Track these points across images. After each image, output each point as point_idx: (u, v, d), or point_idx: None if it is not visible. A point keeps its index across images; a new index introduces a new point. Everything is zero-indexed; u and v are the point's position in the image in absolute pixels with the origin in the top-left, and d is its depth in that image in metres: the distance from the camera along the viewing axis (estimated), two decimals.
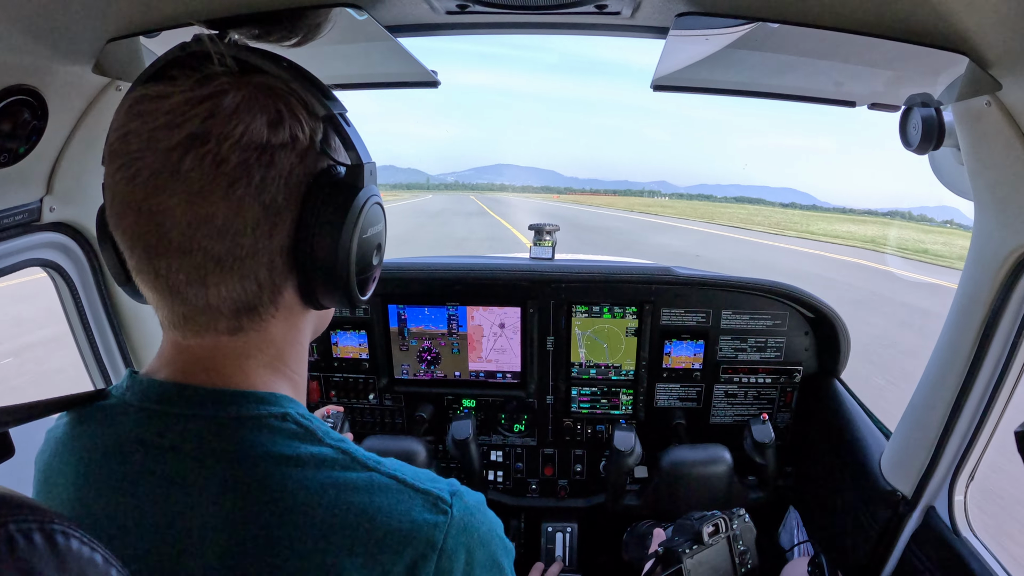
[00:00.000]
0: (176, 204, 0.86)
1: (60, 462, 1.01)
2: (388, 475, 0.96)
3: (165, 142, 0.85)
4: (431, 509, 0.94)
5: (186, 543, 0.89)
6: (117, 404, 0.99)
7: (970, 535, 2.12)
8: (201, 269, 0.90)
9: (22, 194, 1.77)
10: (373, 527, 0.89)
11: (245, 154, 0.87)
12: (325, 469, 0.92)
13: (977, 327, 1.96)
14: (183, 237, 0.87)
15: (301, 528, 0.87)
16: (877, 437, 2.65)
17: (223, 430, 0.92)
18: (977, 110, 1.67)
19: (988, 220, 1.87)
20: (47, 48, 1.51)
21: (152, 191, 0.86)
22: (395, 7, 1.73)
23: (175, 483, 0.90)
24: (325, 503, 0.89)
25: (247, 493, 0.88)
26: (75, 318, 2.19)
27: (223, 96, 0.88)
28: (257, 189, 0.89)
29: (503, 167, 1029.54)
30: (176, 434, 0.92)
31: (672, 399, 3.32)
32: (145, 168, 0.86)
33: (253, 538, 0.87)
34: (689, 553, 2.04)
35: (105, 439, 0.97)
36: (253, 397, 0.96)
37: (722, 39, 1.75)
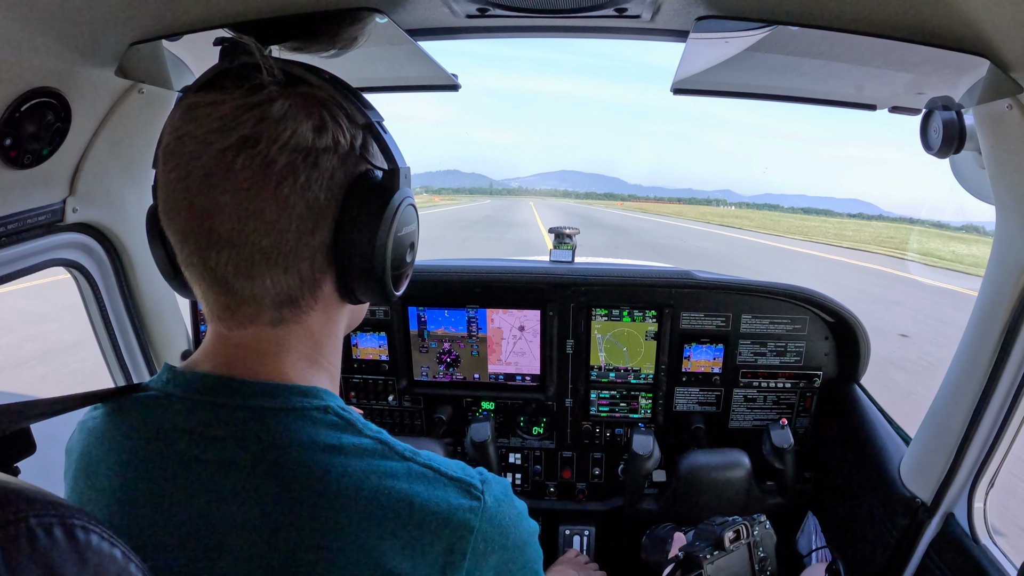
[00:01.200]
0: (228, 201, 0.92)
1: (101, 451, 1.04)
2: (424, 464, 1.01)
3: (219, 144, 0.92)
4: (465, 495, 1.00)
5: (231, 528, 0.93)
6: (159, 396, 1.03)
7: (989, 543, 2.10)
8: (248, 261, 0.96)
9: (45, 195, 1.79)
10: (412, 512, 0.94)
11: (292, 156, 0.94)
12: (366, 458, 0.97)
13: (998, 332, 1.95)
14: (233, 231, 0.94)
15: (345, 512, 0.92)
16: (897, 443, 2.63)
17: (268, 421, 0.97)
18: (998, 113, 1.66)
19: (1010, 224, 1.86)
20: (71, 51, 1.53)
21: (206, 188, 0.92)
22: (416, 11, 1.73)
23: (220, 470, 0.95)
24: (367, 489, 0.94)
25: (292, 480, 0.93)
26: (97, 318, 2.22)
27: (272, 103, 0.94)
28: (302, 188, 0.96)
29: (567, 173, 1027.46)
30: (222, 424, 0.97)
31: (691, 403, 3.31)
32: (200, 167, 0.92)
33: (298, 522, 0.91)
34: (710, 559, 2.03)
35: (148, 429, 1.00)
36: (296, 390, 1.01)
37: (742, 42, 1.74)
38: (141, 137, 2.02)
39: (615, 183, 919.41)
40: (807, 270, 27.05)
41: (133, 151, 2.02)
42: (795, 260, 32.20)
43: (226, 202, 0.92)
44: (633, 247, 35.97)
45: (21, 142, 1.57)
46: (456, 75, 2.17)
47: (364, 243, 1.03)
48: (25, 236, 1.77)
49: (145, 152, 2.08)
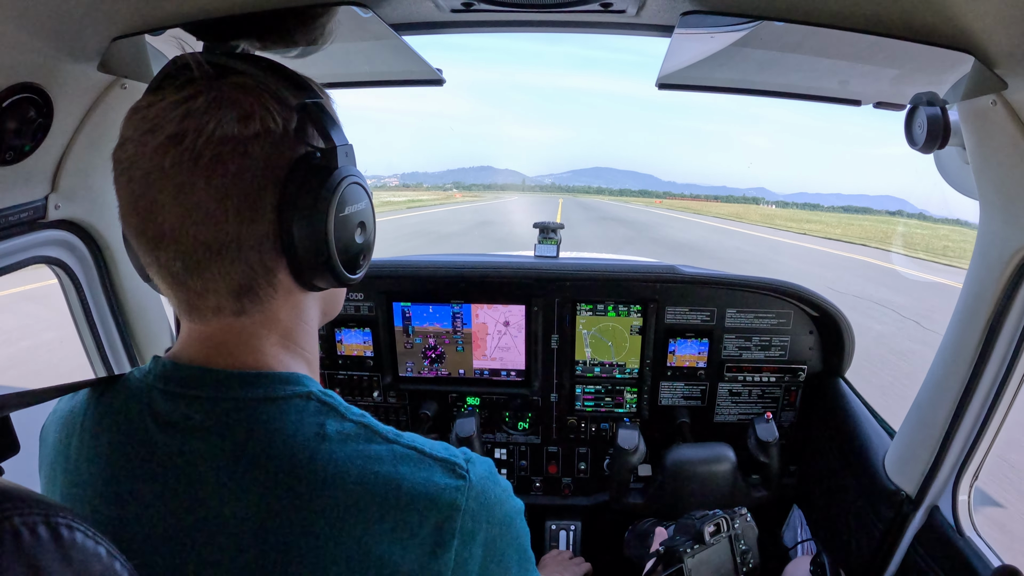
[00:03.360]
0: (166, 199, 0.94)
1: (82, 444, 1.05)
2: (407, 446, 1.03)
3: (151, 144, 0.94)
4: (450, 475, 1.02)
5: (218, 522, 0.93)
6: (142, 387, 1.04)
7: (974, 535, 2.12)
8: (194, 256, 0.97)
9: (27, 192, 1.78)
10: (400, 494, 0.96)
11: (218, 147, 0.95)
12: (350, 443, 0.98)
13: (982, 326, 1.96)
14: (175, 228, 0.95)
15: (333, 500, 0.93)
16: (881, 436, 2.65)
17: (250, 411, 0.98)
18: (983, 109, 1.67)
19: (994, 219, 1.87)
20: (53, 46, 1.52)
21: (145, 189, 0.95)
22: (400, 5, 1.73)
23: (205, 463, 0.96)
24: (353, 474, 0.95)
25: (278, 470, 0.93)
26: (80, 316, 2.20)
27: (196, 98, 0.96)
28: (235, 178, 0.96)
29: (600, 170, 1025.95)
30: (204, 416, 0.98)
31: (676, 397, 3.33)
32: (138, 170, 0.95)
33: (286, 512, 0.92)
34: (690, 553, 2.04)
35: (130, 421, 1.02)
36: (276, 378, 1.02)
37: (727, 37, 1.75)
38: None
39: (649, 180, 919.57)
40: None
41: None
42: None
43: (165, 200, 0.94)
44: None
45: (2, 138, 1.55)
46: (440, 70, 2.16)
47: (306, 227, 1.02)
48: (6, 233, 1.75)
49: None
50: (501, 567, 1.07)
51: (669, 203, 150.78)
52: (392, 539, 0.94)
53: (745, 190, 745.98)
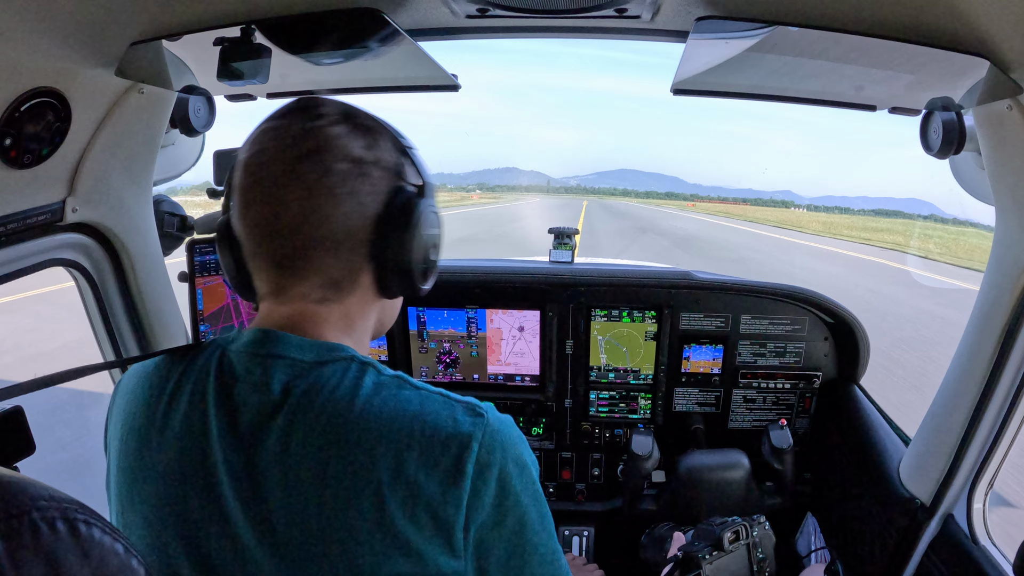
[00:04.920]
0: (293, 198, 1.15)
1: (168, 398, 1.22)
2: (434, 392, 1.20)
3: (290, 154, 1.16)
4: (470, 413, 1.18)
5: (273, 457, 1.11)
6: (216, 348, 1.25)
7: (988, 544, 2.10)
8: (303, 248, 1.18)
9: (45, 195, 1.79)
10: (425, 426, 1.13)
11: (348, 165, 1.17)
12: (384, 390, 1.16)
13: (998, 333, 1.95)
14: (296, 222, 1.16)
15: (370, 432, 1.10)
16: (896, 443, 2.63)
17: (302, 370, 1.17)
18: (998, 114, 1.66)
19: (1010, 225, 1.86)
20: (71, 51, 1.53)
21: (277, 188, 1.15)
22: (415, 11, 1.74)
23: (265, 410, 1.14)
24: (387, 412, 1.12)
25: (321, 413, 1.11)
26: (97, 318, 2.21)
27: (335, 125, 1.19)
28: (352, 191, 1.18)
29: (626, 172, 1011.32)
30: (266, 370, 1.17)
31: (691, 404, 3.31)
32: (273, 172, 1.16)
33: (330, 447, 1.09)
34: (709, 559, 2.03)
35: (208, 379, 1.20)
36: (326, 346, 1.21)
37: (742, 43, 1.75)
38: (141, 137, 2.02)
39: (675, 182, 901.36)
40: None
41: (133, 151, 2.02)
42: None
43: (292, 199, 1.14)
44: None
45: (21, 142, 1.57)
46: (456, 75, 2.17)
47: (397, 240, 1.23)
48: (25, 236, 1.77)
49: (145, 152, 2.08)
50: (517, 508, 1.18)
51: (702, 207, 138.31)
52: (418, 466, 1.09)
53: (772, 193, 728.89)
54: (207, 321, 2.36)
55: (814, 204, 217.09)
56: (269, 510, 1.10)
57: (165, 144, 2.24)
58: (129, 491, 1.20)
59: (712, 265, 23.37)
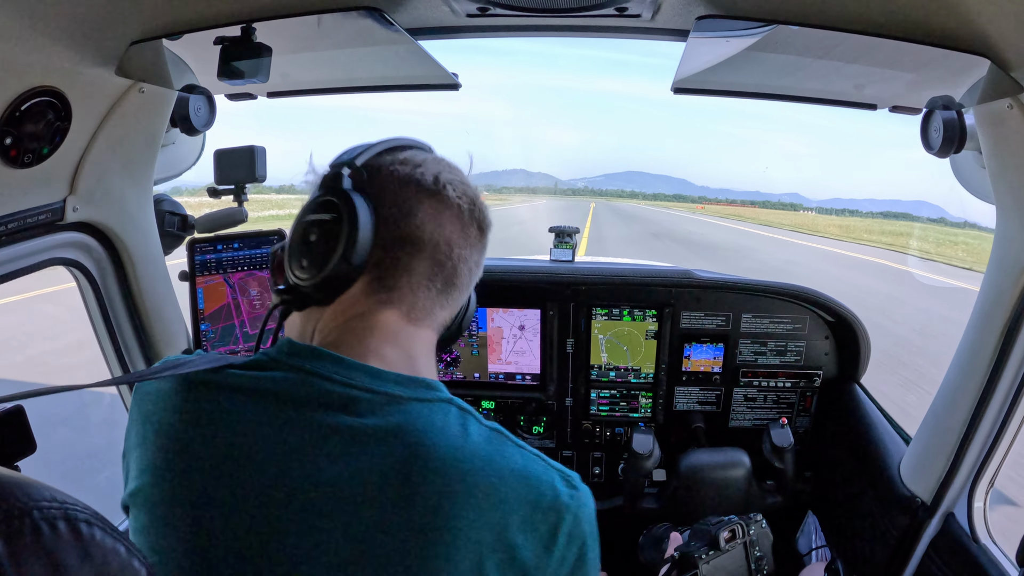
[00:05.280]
0: (425, 216, 1.24)
1: (228, 418, 1.13)
2: (533, 453, 1.20)
3: (423, 183, 1.26)
4: (567, 484, 1.18)
5: (365, 496, 1.05)
6: (299, 372, 1.16)
7: (989, 542, 2.10)
8: (430, 280, 1.26)
9: (46, 194, 1.79)
10: (530, 491, 1.12)
11: (464, 203, 1.29)
12: (491, 442, 1.15)
13: (999, 332, 1.95)
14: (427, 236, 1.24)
15: (478, 488, 1.07)
16: (897, 442, 2.63)
17: (404, 407, 1.14)
18: (999, 113, 1.66)
19: (1010, 224, 1.85)
20: (71, 51, 1.53)
21: (413, 206, 1.24)
22: (416, 10, 1.74)
23: (358, 446, 1.09)
24: (495, 468, 1.11)
25: (429, 457, 1.07)
26: (98, 317, 2.21)
27: (446, 170, 1.30)
28: (465, 223, 1.29)
29: (634, 174, 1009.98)
30: (362, 406, 1.12)
31: (691, 402, 3.31)
32: (407, 195, 1.24)
33: (434, 493, 1.05)
34: (705, 559, 2.04)
35: (288, 406, 1.13)
36: (424, 383, 1.20)
37: (742, 42, 1.75)
38: (141, 136, 2.02)
39: (683, 184, 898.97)
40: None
41: (133, 150, 2.02)
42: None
43: (424, 218, 1.24)
44: None
45: (21, 141, 1.57)
46: (456, 74, 2.17)
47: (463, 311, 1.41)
48: (25, 235, 1.77)
49: (145, 151, 2.08)
50: (582, 572, 1.20)
51: (712, 209, 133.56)
52: (519, 529, 1.09)
53: (780, 195, 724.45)
54: (207, 320, 2.36)
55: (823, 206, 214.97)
56: (348, 549, 1.04)
57: (165, 143, 2.24)
58: (169, 511, 1.10)
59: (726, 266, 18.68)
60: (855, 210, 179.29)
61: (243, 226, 2.48)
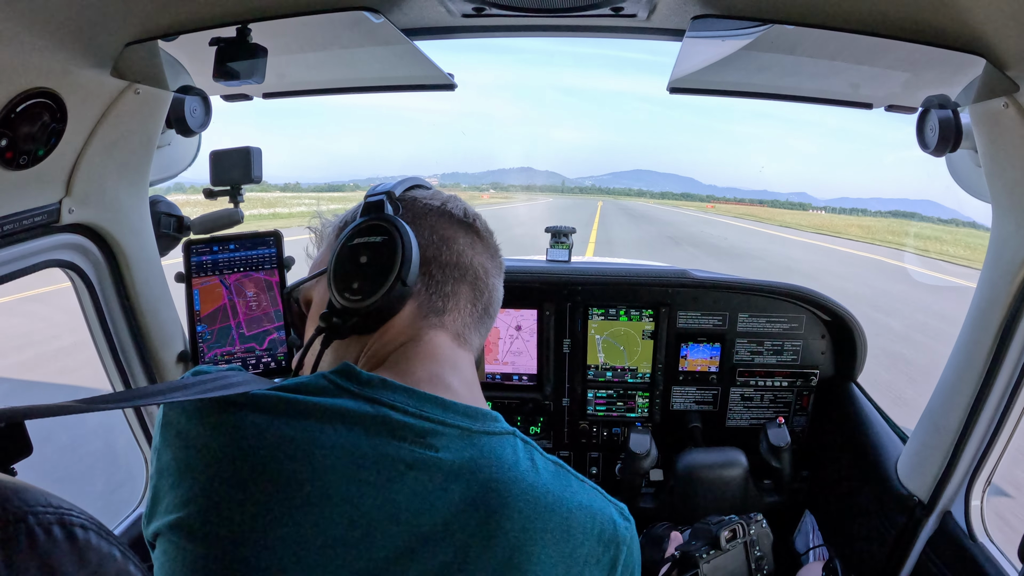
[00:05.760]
0: (464, 248, 1.35)
1: (293, 448, 1.04)
2: (592, 486, 1.23)
3: (454, 217, 1.39)
4: (622, 516, 1.24)
5: (445, 534, 1.04)
6: (368, 401, 1.11)
7: (986, 540, 2.11)
8: (472, 306, 1.34)
9: (41, 196, 1.79)
10: (594, 526, 1.15)
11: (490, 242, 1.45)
12: (558, 477, 1.17)
13: (995, 330, 1.95)
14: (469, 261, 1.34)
15: (552, 523, 1.10)
16: (894, 441, 2.63)
17: (475, 440, 1.13)
18: (994, 112, 1.66)
19: (1006, 223, 1.86)
20: (66, 51, 1.53)
21: (453, 243, 1.35)
22: (411, 11, 1.73)
23: (436, 482, 1.07)
24: (565, 504, 1.13)
25: (507, 493, 1.08)
26: (93, 319, 2.20)
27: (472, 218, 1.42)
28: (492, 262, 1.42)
29: (641, 172, 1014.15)
30: (437, 439, 1.10)
31: (688, 402, 3.31)
32: (449, 231, 1.35)
33: (511, 530, 1.06)
34: (706, 558, 2.03)
35: (360, 437, 1.08)
36: (490, 416, 1.20)
37: (738, 41, 1.75)
38: (137, 138, 2.01)
39: (690, 183, 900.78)
40: None
41: (129, 152, 2.01)
42: None
43: (463, 248, 1.34)
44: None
45: (17, 143, 1.56)
46: (452, 74, 2.16)
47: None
48: (21, 237, 1.76)
49: (141, 152, 2.07)
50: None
51: (723, 208, 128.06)
52: (586, 563, 1.13)
53: (787, 195, 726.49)
54: (204, 321, 2.35)
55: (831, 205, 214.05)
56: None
57: (161, 144, 2.23)
58: (229, 548, 0.98)
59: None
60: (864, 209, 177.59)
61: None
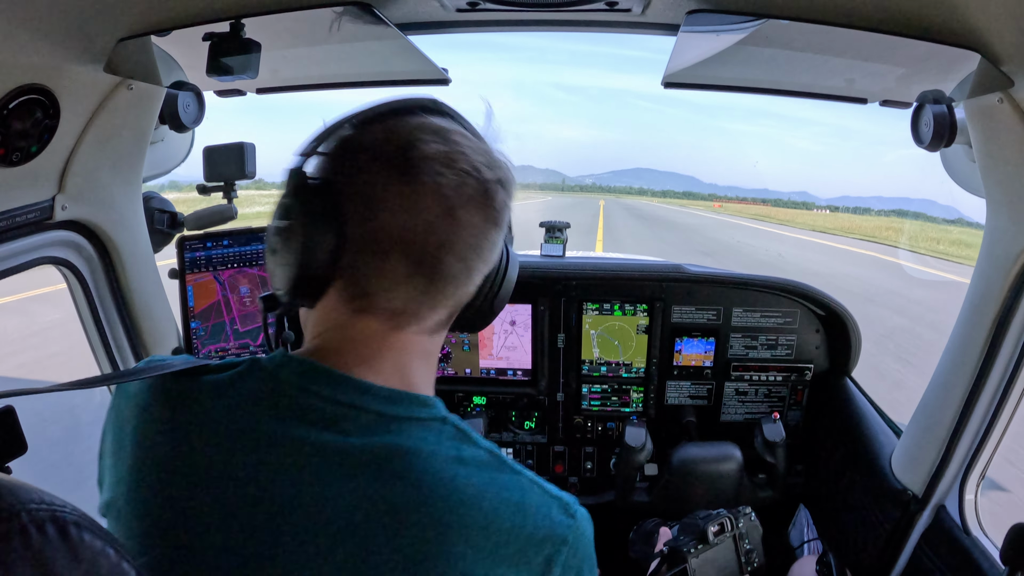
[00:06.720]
0: (424, 208, 1.06)
1: (205, 431, 1.05)
2: (531, 480, 1.11)
3: (420, 165, 1.06)
4: (563, 512, 1.11)
5: (346, 522, 0.97)
6: (281, 383, 1.07)
7: (980, 534, 2.12)
8: (420, 258, 1.07)
9: (34, 192, 1.78)
10: (525, 523, 1.04)
11: (482, 186, 1.11)
12: (484, 470, 1.07)
13: (989, 325, 1.95)
14: (403, 230, 1.06)
15: (471, 520, 1.00)
16: (888, 435, 2.64)
17: (392, 427, 1.05)
18: (989, 107, 1.66)
19: (1000, 217, 1.86)
20: (59, 48, 1.52)
21: (400, 199, 1.06)
22: (406, 5, 1.73)
23: (342, 469, 1.00)
24: (488, 499, 1.03)
25: (420, 482, 1.00)
26: (87, 316, 2.20)
27: (457, 136, 1.12)
28: (477, 211, 1.11)
29: (642, 171, 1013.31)
30: (349, 423, 1.03)
31: (683, 397, 3.32)
32: (409, 182, 1.06)
33: (424, 522, 0.98)
34: (694, 553, 2.04)
35: (269, 419, 1.04)
36: (418, 400, 1.11)
37: (733, 36, 1.75)
38: (130, 134, 2.00)
39: (691, 181, 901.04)
40: None
41: (122, 148, 2.01)
42: None
43: (402, 207, 1.05)
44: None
45: (9, 139, 1.55)
46: (446, 69, 2.16)
47: (494, 277, 1.22)
48: (14, 234, 1.76)
49: (134, 148, 2.06)
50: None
51: (731, 208, 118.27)
52: (511, 563, 1.02)
53: (789, 193, 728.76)
54: (198, 318, 2.35)
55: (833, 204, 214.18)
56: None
57: (154, 140, 2.23)
58: (144, 526, 1.02)
59: None
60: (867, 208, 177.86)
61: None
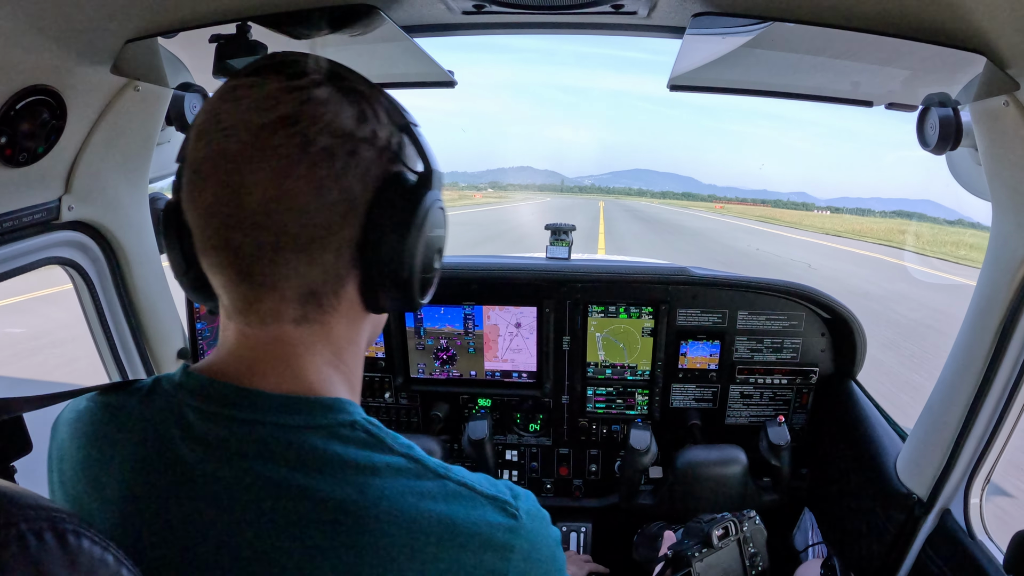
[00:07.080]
0: (260, 179, 0.88)
1: (103, 455, 0.99)
2: (458, 482, 0.99)
3: (257, 120, 0.89)
4: (501, 513, 0.98)
5: (259, 552, 0.89)
6: (172, 402, 0.98)
7: (985, 538, 2.11)
8: (274, 244, 0.91)
9: (41, 193, 1.79)
10: (454, 534, 0.92)
11: (331, 139, 0.91)
12: (401, 478, 0.94)
13: (995, 328, 1.95)
14: (262, 210, 0.89)
15: (387, 538, 0.89)
16: (893, 439, 2.63)
17: (293, 439, 0.93)
18: (995, 110, 1.66)
19: (1006, 221, 1.86)
20: (66, 49, 1.53)
21: (239, 164, 0.88)
22: (411, 7, 1.73)
23: (240, 489, 0.91)
24: (406, 512, 0.91)
25: (326, 501, 0.89)
26: (93, 316, 2.20)
27: (315, 87, 0.93)
28: (338, 175, 0.92)
29: (640, 172, 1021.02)
30: (240, 440, 0.93)
31: (688, 400, 3.32)
32: (235, 143, 0.89)
33: (335, 548, 0.88)
34: (699, 556, 2.04)
35: (162, 439, 0.96)
36: (319, 404, 0.98)
37: (738, 39, 1.75)
38: (137, 134, 2.01)
39: (690, 182, 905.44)
40: None
41: (129, 149, 2.01)
42: None
43: (258, 180, 0.88)
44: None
45: (16, 140, 1.56)
46: (452, 71, 2.16)
47: (393, 243, 0.98)
48: (20, 234, 1.76)
49: (141, 149, 2.07)
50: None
51: (734, 209, 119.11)
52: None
53: (788, 194, 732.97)
54: (203, 319, 2.35)
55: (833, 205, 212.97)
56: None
57: (161, 142, 2.23)
58: None
59: None
60: (867, 209, 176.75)
61: None
